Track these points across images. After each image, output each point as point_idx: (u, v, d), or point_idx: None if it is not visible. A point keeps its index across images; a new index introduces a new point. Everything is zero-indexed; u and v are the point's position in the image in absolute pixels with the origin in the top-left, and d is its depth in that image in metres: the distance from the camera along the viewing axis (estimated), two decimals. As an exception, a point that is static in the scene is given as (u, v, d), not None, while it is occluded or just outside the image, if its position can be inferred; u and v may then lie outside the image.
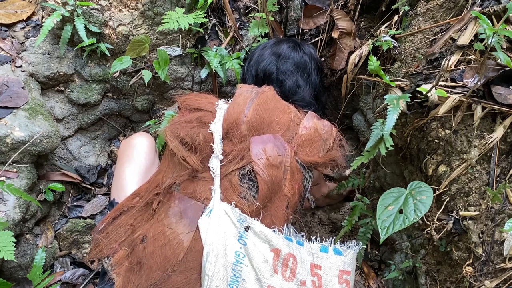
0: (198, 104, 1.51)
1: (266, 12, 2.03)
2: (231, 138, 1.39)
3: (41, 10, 2.04)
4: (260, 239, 1.25)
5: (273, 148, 1.34)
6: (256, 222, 1.26)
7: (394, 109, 1.34)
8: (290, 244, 1.27)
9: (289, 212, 1.33)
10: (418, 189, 1.28)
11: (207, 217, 1.25)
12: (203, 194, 1.31)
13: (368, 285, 1.78)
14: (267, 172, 1.30)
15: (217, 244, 1.20)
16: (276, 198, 1.32)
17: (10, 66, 1.87)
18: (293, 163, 1.34)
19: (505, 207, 1.21)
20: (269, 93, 1.48)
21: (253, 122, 1.38)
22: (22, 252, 1.73)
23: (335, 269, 1.29)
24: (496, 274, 1.20)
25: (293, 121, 1.42)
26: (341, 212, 2.02)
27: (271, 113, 1.41)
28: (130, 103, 2.21)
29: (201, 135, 1.39)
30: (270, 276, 1.22)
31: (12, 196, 1.62)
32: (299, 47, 1.66)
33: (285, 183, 1.32)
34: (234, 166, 1.34)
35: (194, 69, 2.16)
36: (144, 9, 1.97)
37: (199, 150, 1.38)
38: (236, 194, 1.30)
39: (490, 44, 1.19)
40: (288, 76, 1.59)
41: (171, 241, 1.24)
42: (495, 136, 1.25)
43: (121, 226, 1.35)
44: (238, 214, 1.26)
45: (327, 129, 1.44)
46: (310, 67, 1.64)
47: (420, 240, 1.54)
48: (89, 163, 2.17)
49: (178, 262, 1.21)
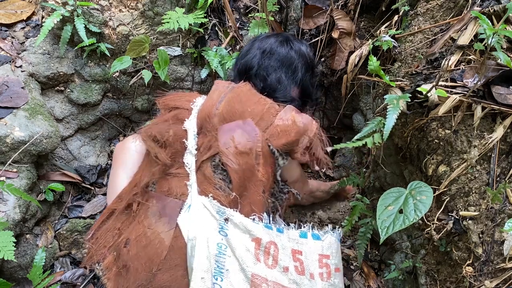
0: (174, 103, 1.51)
1: (266, 12, 2.03)
2: (205, 132, 1.39)
3: (41, 10, 2.04)
4: (240, 229, 1.26)
5: (242, 134, 1.32)
6: (235, 213, 1.27)
7: (394, 109, 1.33)
8: (270, 232, 1.29)
9: (266, 196, 1.34)
10: (418, 189, 1.28)
11: (187, 213, 1.26)
12: (179, 190, 1.31)
13: (368, 285, 1.78)
14: (236, 161, 1.29)
15: (199, 238, 1.21)
16: (251, 185, 1.31)
17: (10, 66, 1.87)
18: (264, 147, 1.32)
19: (505, 207, 1.21)
20: (244, 88, 1.46)
21: (224, 113, 1.37)
22: (22, 252, 1.73)
23: (315, 253, 1.33)
24: (496, 274, 1.20)
25: (268, 111, 1.38)
26: (341, 212, 2.02)
27: (244, 105, 1.38)
28: (130, 103, 2.21)
29: (171, 131, 1.40)
30: (253, 265, 1.24)
31: (12, 196, 1.62)
32: (287, 43, 1.60)
33: (259, 168, 1.31)
34: (203, 157, 1.33)
35: (194, 69, 2.16)
36: (144, 9, 1.97)
37: (168, 145, 1.39)
38: (211, 186, 1.29)
39: (490, 44, 1.19)
40: (270, 72, 1.53)
41: (153, 241, 1.25)
42: (495, 136, 1.25)
43: (109, 231, 1.36)
44: (217, 206, 1.26)
45: (306, 122, 1.39)
46: (297, 64, 1.57)
47: (420, 240, 1.54)
48: (89, 163, 2.17)
49: (161, 261, 1.21)
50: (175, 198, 1.30)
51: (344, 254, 1.88)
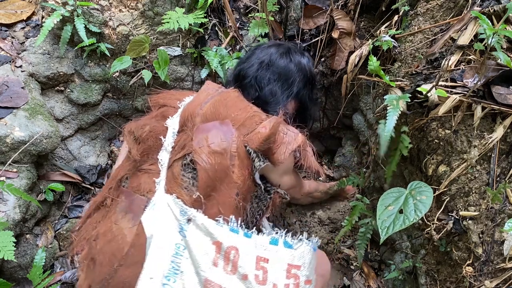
0: (164, 101, 1.52)
1: (266, 12, 2.03)
2: (185, 131, 1.38)
3: (41, 10, 2.04)
4: (201, 231, 1.22)
5: (217, 134, 1.30)
6: (198, 214, 1.23)
7: (394, 110, 1.33)
8: (234, 236, 1.23)
9: (239, 199, 1.29)
10: (418, 189, 1.28)
11: (151, 211, 1.25)
12: (147, 187, 1.31)
13: (368, 285, 1.78)
14: (208, 160, 1.26)
15: (155, 236, 1.21)
16: (223, 186, 1.27)
17: (10, 66, 1.87)
18: (240, 148, 1.30)
19: (505, 207, 1.21)
20: (232, 94, 1.44)
21: (207, 114, 1.36)
22: (22, 252, 1.73)
23: (283, 262, 1.24)
24: (496, 274, 1.20)
25: (251, 119, 1.36)
26: (341, 212, 2.02)
27: (229, 109, 1.36)
28: (130, 103, 2.21)
29: (147, 127, 1.40)
30: (208, 269, 1.19)
31: (12, 196, 1.62)
32: (287, 54, 1.56)
33: (234, 169, 1.28)
34: (176, 156, 1.33)
35: (194, 69, 2.16)
36: (144, 9, 1.97)
37: (141, 141, 1.39)
38: (177, 185, 1.27)
39: (490, 44, 1.19)
40: (264, 84, 1.50)
41: (116, 236, 1.25)
42: (495, 136, 1.25)
43: (91, 224, 1.37)
44: (181, 206, 1.24)
45: (291, 133, 1.38)
46: (295, 77, 1.53)
47: (420, 240, 1.54)
48: (89, 163, 2.17)
49: (123, 256, 1.22)
50: (142, 195, 1.30)
51: (344, 254, 1.88)
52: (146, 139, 1.39)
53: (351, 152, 2.23)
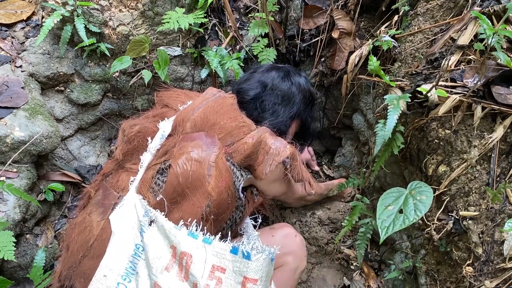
0: (168, 101, 1.53)
1: (266, 12, 2.03)
2: (174, 136, 1.39)
3: (41, 10, 2.04)
4: (161, 234, 1.21)
5: (200, 144, 1.30)
6: (159, 216, 1.22)
7: (395, 110, 1.33)
8: (191, 242, 1.18)
9: (209, 212, 1.25)
10: (418, 189, 1.28)
11: (120, 208, 1.27)
12: (123, 185, 1.34)
13: (368, 285, 1.78)
14: (183, 166, 1.26)
15: (120, 235, 1.22)
16: (194, 195, 1.25)
17: (10, 66, 1.87)
18: (220, 160, 1.29)
19: (505, 207, 1.21)
20: (227, 100, 1.44)
21: (197, 120, 1.36)
22: (22, 252, 1.73)
23: (240, 274, 1.16)
24: (496, 274, 1.20)
25: (239, 129, 1.36)
26: (341, 212, 2.02)
27: (218, 117, 1.37)
28: (130, 103, 2.21)
29: (136, 128, 1.43)
30: (159, 274, 1.17)
31: (12, 196, 1.62)
32: (288, 77, 1.59)
33: (210, 180, 1.25)
34: (157, 160, 1.35)
35: (194, 69, 2.16)
36: (144, 9, 1.97)
37: (127, 141, 1.42)
38: (147, 186, 1.29)
39: (490, 44, 1.19)
40: (269, 108, 1.52)
41: (86, 227, 1.29)
42: (495, 136, 1.25)
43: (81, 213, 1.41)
44: (145, 207, 1.24)
45: (279, 145, 1.36)
46: (296, 98, 1.57)
47: (420, 240, 1.54)
48: (89, 163, 2.17)
49: (87, 248, 1.25)
50: (116, 192, 1.33)
51: (344, 254, 1.88)
52: (132, 139, 1.42)
53: (351, 152, 2.23)
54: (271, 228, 1.59)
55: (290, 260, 1.49)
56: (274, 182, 1.50)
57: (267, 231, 1.56)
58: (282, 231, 1.55)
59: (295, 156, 1.42)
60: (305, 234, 1.96)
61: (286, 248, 1.48)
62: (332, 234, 1.96)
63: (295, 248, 1.52)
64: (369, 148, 2.00)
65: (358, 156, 2.18)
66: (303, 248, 1.55)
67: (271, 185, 1.51)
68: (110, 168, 1.45)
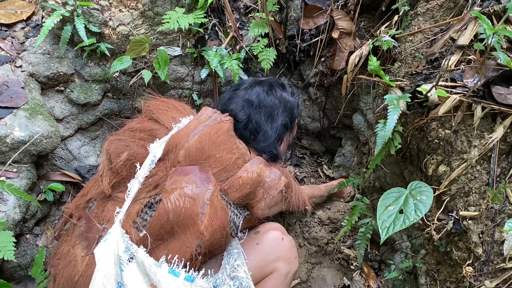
0: (158, 115, 1.46)
1: (266, 12, 2.03)
2: (166, 161, 1.33)
3: (41, 10, 2.04)
4: (140, 271, 1.16)
5: (194, 179, 1.24)
6: (140, 252, 1.16)
7: (395, 110, 1.34)
8: (172, 280, 1.14)
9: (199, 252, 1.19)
10: (418, 189, 1.28)
11: (103, 243, 1.20)
12: (107, 216, 1.27)
13: (368, 285, 1.78)
14: (176, 202, 1.19)
15: (103, 272, 1.16)
16: (185, 234, 1.19)
17: (10, 66, 1.87)
18: (215, 198, 1.23)
19: (505, 207, 1.21)
20: (224, 125, 1.39)
21: (192, 150, 1.30)
22: (22, 252, 1.73)
23: None
24: (496, 274, 1.20)
25: (234, 163, 1.32)
26: (341, 212, 2.02)
27: (214, 148, 1.31)
28: (130, 103, 2.21)
29: (125, 154, 1.33)
30: None
31: (12, 196, 1.62)
32: (271, 90, 1.55)
33: (203, 218, 1.19)
34: (146, 193, 1.27)
35: (194, 69, 2.16)
36: (144, 9, 1.97)
37: (115, 172, 1.33)
38: (131, 221, 1.22)
39: (490, 44, 1.19)
40: (259, 128, 1.47)
41: (71, 262, 1.24)
42: (495, 136, 1.25)
43: (62, 237, 1.38)
44: (127, 242, 1.18)
45: (274, 177, 1.33)
46: (278, 111, 1.52)
47: (420, 240, 1.54)
48: (89, 163, 2.17)
49: (73, 284, 1.20)
50: (100, 223, 1.26)
51: (344, 254, 1.88)
52: (120, 170, 1.33)
53: (351, 152, 2.23)
54: (256, 232, 1.49)
55: (280, 266, 1.43)
56: (273, 207, 1.48)
57: (252, 238, 1.47)
58: (268, 236, 1.47)
59: (290, 185, 1.41)
60: (305, 234, 1.96)
61: (274, 253, 1.42)
62: (332, 234, 1.96)
63: (283, 252, 1.45)
64: (369, 148, 2.01)
65: (358, 156, 2.18)
66: (293, 250, 1.49)
67: (270, 210, 1.48)
68: (94, 194, 1.36)
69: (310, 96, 2.35)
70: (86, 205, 1.36)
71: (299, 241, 1.97)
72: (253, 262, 1.37)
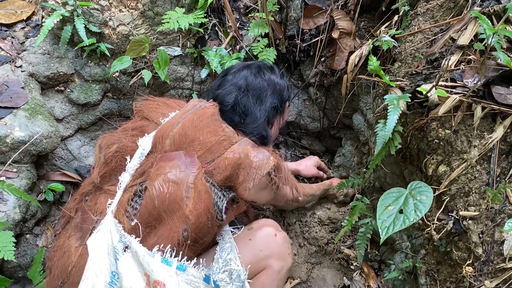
0: (148, 113, 1.47)
1: (266, 12, 2.03)
2: (155, 153, 1.34)
3: (41, 10, 2.04)
4: (135, 261, 1.17)
5: (178, 164, 1.25)
6: (134, 242, 1.18)
7: (395, 110, 1.34)
8: (165, 269, 1.15)
9: (186, 236, 1.20)
10: (418, 189, 1.28)
11: (97, 233, 1.22)
12: (100, 208, 1.29)
13: (368, 285, 1.78)
14: (160, 188, 1.20)
15: (96, 262, 1.17)
16: (171, 219, 1.20)
17: (10, 66, 1.87)
18: (199, 181, 1.23)
19: (505, 207, 1.21)
20: (208, 111, 1.39)
21: (176, 137, 1.31)
22: (22, 252, 1.73)
23: None
24: (496, 274, 1.20)
25: (220, 144, 1.31)
26: (341, 212, 2.02)
27: (198, 131, 1.31)
28: (130, 103, 2.21)
29: (115, 147, 1.36)
30: None
31: (12, 196, 1.62)
32: (259, 73, 1.53)
33: (188, 202, 1.20)
34: (134, 181, 1.29)
35: (194, 69, 2.16)
36: (144, 9, 1.97)
37: (105, 162, 1.35)
38: (122, 210, 1.24)
39: (490, 44, 1.19)
40: (248, 111, 1.46)
41: (66, 253, 1.25)
42: (495, 136, 1.25)
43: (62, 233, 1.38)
44: (120, 232, 1.20)
45: (262, 158, 1.32)
46: (267, 93, 1.51)
47: (420, 240, 1.54)
48: (89, 163, 2.17)
49: (67, 274, 1.22)
50: (94, 215, 1.28)
51: (344, 254, 1.88)
52: (110, 160, 1.35)
53: (351, 152, 2.23)
54: (250, 228, 1.49)
55: (272, 262, 1.42)
56: (262, 191, 1.46)
57: (245, 234, 1.47)
58: (261, 232, 1.46)
59: (280, 166, 1.39)
60: (305, 234, 1.96)
61: (267, 250, 1.42)
62: (332, 234, 1.96)
63: (276, 248, 1.44)
64: (369, 148, 2.00)
65: (358, 156, 2.18)
66: (286, 246, 1.48)
67: (259, 195, 1.46)
68: (89, 188, 1.38)
69: (310, 96, 2.35)
70: (82, 198, 1.39)
71: (299, 241, 1.97)
72: (246, 257, 1.36)
